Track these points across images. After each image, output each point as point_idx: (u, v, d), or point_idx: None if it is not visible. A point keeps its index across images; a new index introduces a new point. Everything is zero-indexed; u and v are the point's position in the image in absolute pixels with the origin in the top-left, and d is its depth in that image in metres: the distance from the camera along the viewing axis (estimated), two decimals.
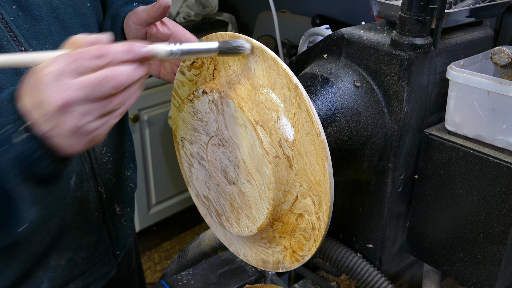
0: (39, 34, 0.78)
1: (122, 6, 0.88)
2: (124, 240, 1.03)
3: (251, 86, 0.67)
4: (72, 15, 0.83)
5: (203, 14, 2.43)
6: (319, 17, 1.99)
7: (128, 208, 1.02)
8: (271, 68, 0.65)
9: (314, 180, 0.66)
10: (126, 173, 1.00)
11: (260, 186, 0.68)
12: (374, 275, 0.84)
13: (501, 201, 0.72)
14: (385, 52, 0.75)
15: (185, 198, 2.59)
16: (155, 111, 2.31)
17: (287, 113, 0.65)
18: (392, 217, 0.85)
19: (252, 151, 0.67)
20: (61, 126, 0.55)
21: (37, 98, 0.54)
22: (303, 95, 0.63)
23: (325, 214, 0.66)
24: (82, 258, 0.92)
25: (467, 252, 0.79)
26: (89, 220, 0.91)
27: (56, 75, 0.53)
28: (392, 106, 0.77)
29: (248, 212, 0.72)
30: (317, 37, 0.94)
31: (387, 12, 0.81)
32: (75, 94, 0.53)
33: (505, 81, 0.70)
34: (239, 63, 0.69)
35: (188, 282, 0.95)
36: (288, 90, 0.64)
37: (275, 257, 0.76)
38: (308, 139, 0.64)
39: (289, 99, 0.65)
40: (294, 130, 0.65)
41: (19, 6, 0.75)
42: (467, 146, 0.75)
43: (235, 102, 0.66)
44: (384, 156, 0.80)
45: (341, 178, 0.85)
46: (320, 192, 0.66)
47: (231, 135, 0.69)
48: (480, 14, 0.83)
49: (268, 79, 0.66)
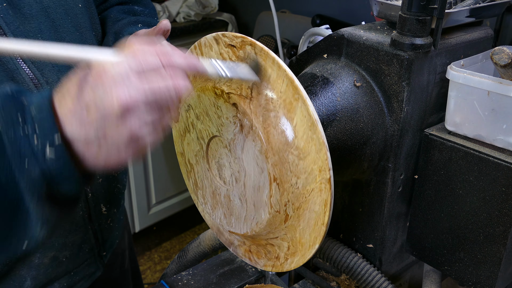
0: (29, 32, 0.78)
1: (127, 26, 0.89)
2: (111, 242, 1.03)
3: (285, 140, 0.64)
4: (63, 14, 0.83)
5: (203, 14, 2.43)
6: (319, 17, 1.99)
7: (115, 209, 1.02)
8: (311, 138, 0.62)
9: (299, 240, 0.69)
10: (113, 173, 1.00)
11: (249, 215, 0.70)
12: (374, 275, 0.84)
13: (501, 201, 0.72)
14: (385, 52, 0.75)
15: (185, 198, 2.59)
16: None
17: (307, 186, 0.64)
18: (392, 217, 0.85)
19: (258, 191, 0.67)
20: (118, 132, 0.51)
21: (94, 100, 0.51)
22: (330, 188, 0.62)
23: (293, 264, 0.71)
24: (67, 257, 0.92)
25: (467, 252, 0.79)
26: (74, 219, 0.91)
27: (122, 76, 0.51)
28: (392, 106, 0.77)
29: (226, 212, 0.73)
30: (317, 37, 0.95)
31: (387, 12, 0.81)
32: (140, 97, 0.51)
33: (505, 81, 0.70)
34: (285, 96, 0.64)
35: (188, 282, 0.95)
36: (318, 172, 0.63)
37: (231, 238, 0.78)
38: (313, 216, 0.65)
39: (314, 177, 0.63)
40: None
41: (10, 4, 0.76)
42: (467, 146, 0.75)
43: (262, 149, 0.64)
44: (384, 156, 0.80)
45: (341, 178, 0.85)
46: (300, 249, 0.69)
47: (244, 159, 0.68)
48: (480, 14, 0.83)
49: (305, 145, 0.63)
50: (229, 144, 0.70)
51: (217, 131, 0.71)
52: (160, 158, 2.39)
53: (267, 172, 0.64)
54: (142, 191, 2.37)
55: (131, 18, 0.94)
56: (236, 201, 0.72)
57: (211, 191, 0.77)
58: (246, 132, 0.66)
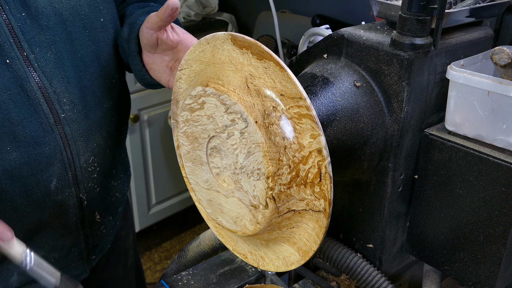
0: (43, 42, 0.80)
1: (141, 16, 0.91)
2: (102, 246, 1.03)
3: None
4: (80, 28, 0.85)
5: (203, 14, 2.43)
6: (319, 17, 1.99)
7: (110, 216, 1.02)
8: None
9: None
10: (113, 183, 1.00)
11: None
12: (374, 275, 0.84)
13: (501, 201, 0.72)
14: (385, 52, 0.75)
15: (185, 198, 2.59)
16: (155, 111, 2.31)
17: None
18: (392, 217, 0.85)
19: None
20: None
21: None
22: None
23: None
24: (55, 258, 0.93)
25: (467, 252, 0.79)
26: (67, 224, 0.91)
27: None
28: (392, 106, 0.77)
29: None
30: (317, 37, 0.94)
31: (387, 12, 0.81)
32: None
33: (505, 81, 0.70)
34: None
35: (188, 282, 0.95)
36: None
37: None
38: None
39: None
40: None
41: (28, 14, 0.77)
42: (467, 146, 0.75)
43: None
44: (384, 156, 0.80)
45: (341, 178, 0.85)
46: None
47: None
48: (480, 14, 0.83)
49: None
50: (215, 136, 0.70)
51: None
52: (160, 158, 2.39)
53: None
54: (142, 191, 2.37)
55: (144, 9, 0.95)
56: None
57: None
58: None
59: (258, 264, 0.77)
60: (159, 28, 0.81)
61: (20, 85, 0.77)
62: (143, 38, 0.84)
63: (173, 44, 0.84)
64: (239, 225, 0.69)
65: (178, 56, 0.86)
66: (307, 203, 0.64)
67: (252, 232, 0.67)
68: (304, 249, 0.69)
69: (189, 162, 0.74)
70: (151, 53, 0.88)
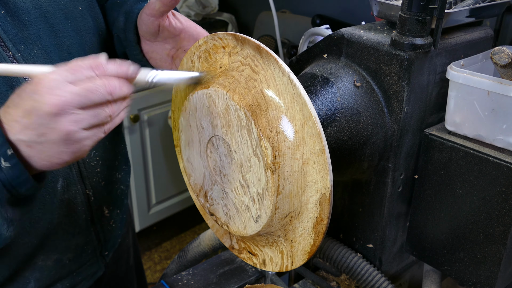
0: (27, 39, 0.77)
1: (136, 3, 0.87)
2: (113, 241, 1.03)
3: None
4: (62, 19, 0.82)
5: (203, 14, 2.43)
6: (319, 17, 1.99)
7: (118, 210, 1.02)
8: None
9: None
10: (117, 175, 1.00)
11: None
12: (374, 275, 0.84)
13: (501, 201, 0.72)
14: (385, 52, 0.75)
15: (185, 198, 2.59)
16: (155, 111, 2.31)
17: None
18: (392, 217, 0.85)
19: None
20: (53, 131, 0.57)
21: (31, 105, 0.57)
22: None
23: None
24: (70, 259, 0.92)
25: (467, 252, 0.79)
26: (77, 223, 0.91)
27: (55, 83, 0.57)
28: (392, 106, 0.77)
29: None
30: (317, 37, 0.94)
31: (387, 12, 0.81)
32: (70, 99, 0.56)
33: (505, 81, 0.70)
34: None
35: (188, 282, 0.95)
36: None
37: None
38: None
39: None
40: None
41: (7, 11, 0.75)
42: (467, 146, 0.75)
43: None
44: (384, 156, 0.80)
45: (341, 178, 0.85)
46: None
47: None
48: (480, 14, 0.83)
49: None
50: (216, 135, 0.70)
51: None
52: (160, 158, 2.39)
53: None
54: (142, 191, 2.37)
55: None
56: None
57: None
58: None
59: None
60: (161, 14, 0.78)
61: (10, 86, 0.74)
62: (143, 26, 0.81)
63: (176, 31, 0.81)
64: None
65: (181, 44, 0.83)
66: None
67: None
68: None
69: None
70: (151, 42, 0.84)
